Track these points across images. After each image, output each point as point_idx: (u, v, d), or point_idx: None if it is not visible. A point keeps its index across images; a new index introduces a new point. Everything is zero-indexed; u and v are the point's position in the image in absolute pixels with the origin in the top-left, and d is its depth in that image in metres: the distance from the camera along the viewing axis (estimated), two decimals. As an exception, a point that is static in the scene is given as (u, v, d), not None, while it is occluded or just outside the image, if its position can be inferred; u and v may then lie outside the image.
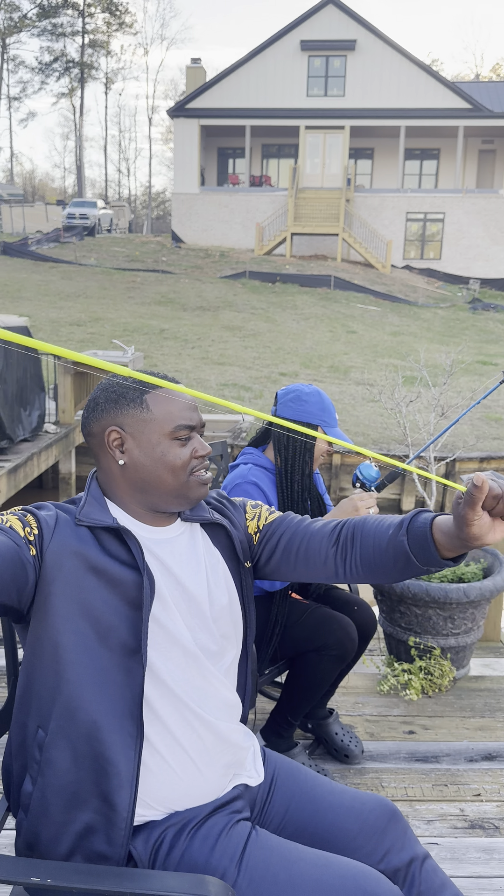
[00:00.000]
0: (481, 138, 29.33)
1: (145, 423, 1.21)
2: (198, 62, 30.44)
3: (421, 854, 1.33)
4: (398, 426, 10.06)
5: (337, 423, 2.26)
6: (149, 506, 1.25)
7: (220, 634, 1.31)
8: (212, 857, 1.19)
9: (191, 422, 1.23)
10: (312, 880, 1.16)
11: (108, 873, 1.05)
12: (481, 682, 2.98)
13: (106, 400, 1.23)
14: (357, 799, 1.35)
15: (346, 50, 27.06)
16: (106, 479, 1.25)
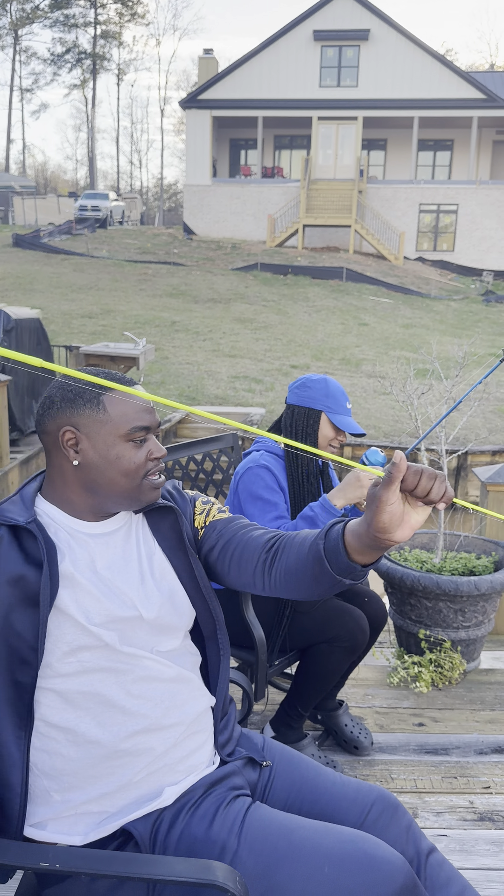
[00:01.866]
0: (496, 129, 29.05)
1: (101, 423, 1.21)
2: (210, 53, 30.32)
3: (426, 848, 1.31)
4: (410, 419, 10.02)
5: (347, 411, 2.24)
6: (96, 507, 1.24)
7: (157, 626, 1.27)
8: (211, 831, 1.19)
9: (146, 423, 1.23)
10: (312, 845, 1.17)
11: (116, 858, 1.05)
12: (492, 675, 2.98)
13: (62, 399, 1.21)
14: (360, 791, 1.34)
15: (359, 40, 26.85)
16: (56, 478, 1.24)
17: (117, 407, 1.22)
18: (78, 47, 49.60)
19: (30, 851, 1.05)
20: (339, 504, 2.07)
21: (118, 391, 1.22)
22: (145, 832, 1.19)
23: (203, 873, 1.03)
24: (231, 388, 11.34)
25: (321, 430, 2.23)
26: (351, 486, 2.05)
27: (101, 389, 1.23)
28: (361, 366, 13.29)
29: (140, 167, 68.81)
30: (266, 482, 2.19)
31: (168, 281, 20.70)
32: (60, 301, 17.11)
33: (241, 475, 2.23)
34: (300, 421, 2.23)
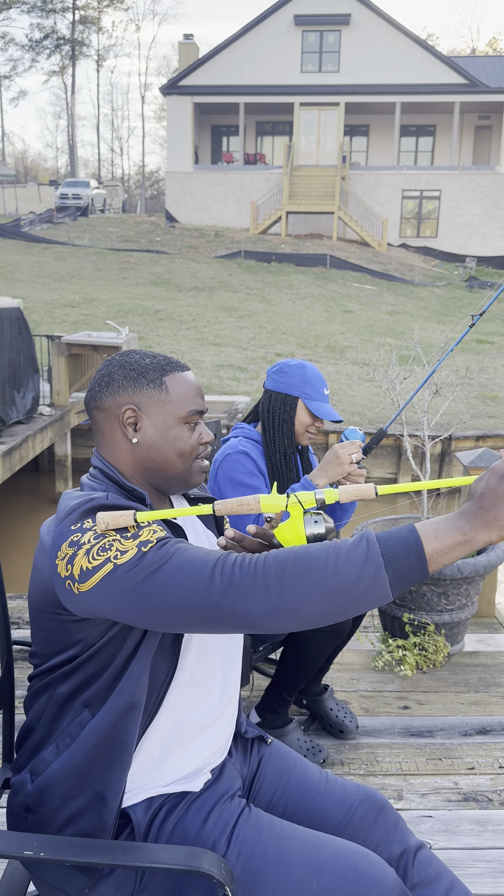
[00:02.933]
0: (477, 114, 29.03)
1: (163, 404, 1.23)
2: (190, 38, 30.03)
3: (413, 846, 1.31)
4: (393, 404, 10.05)
5: (325, 398, 2.24)
6: (154, 485, 1.27)
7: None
8: (203, 830, 1.19)
9: (201, 407, 1.27)
10: (303, 857, 1.16)
11: (102, 847, 1.05)
12: (475, 657, 3.00)
13: (124, 377, 1.23)
14: (346, 790, 1.35)
15: (340, 24, 26.69)
16: (111, 455, 1.25)
17: (178, 389, 1.24)
18: (56, 33, 48.94)
19: (13, 840, 1.05)
20: (321, 483, 2.06)
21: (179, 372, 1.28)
22: (143, 820, 1.19)
23: (189, 861, 1.03)
24: (216, 376, 11.31)
25: (298, 417, 2.22)
26: (331, 465, 2.05)
27: (164, 368, 1.26)
28: (346, 353, 13.29)
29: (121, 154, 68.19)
30: (246, 467, 2.19)
31: (151, 269, 20.58)
32: (42, 290, 16.97)
33: (219, 462, 2.23)
34: (277, 407, 2.23)
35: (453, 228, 27.73)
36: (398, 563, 0.96)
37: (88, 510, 1.12)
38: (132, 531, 1.08)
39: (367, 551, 0.97)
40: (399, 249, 26.90)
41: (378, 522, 3.19)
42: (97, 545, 1.06)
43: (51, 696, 1.19)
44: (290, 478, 2.26)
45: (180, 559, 1.05)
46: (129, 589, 1.04)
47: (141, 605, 1.04)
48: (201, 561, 1.04)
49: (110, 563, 1.05)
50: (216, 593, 1.01)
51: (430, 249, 27.31)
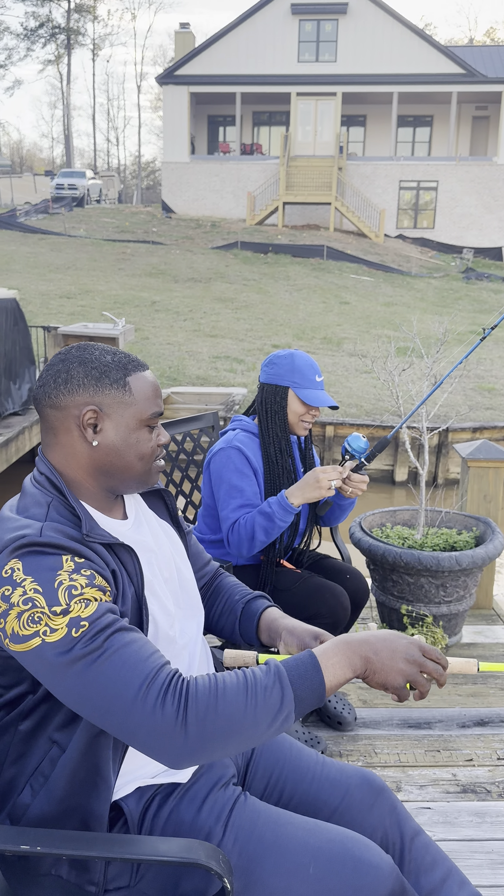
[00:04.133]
0: (475, 104, 28.90)
1: (126, 406, 1.18)
2: (186, 27, 29.82)
3: (410, 831, 1.30)
4: (391, 396, 10.04)
5: (317, 385, 2.23)
6: (108, 488, 1.21)
7: (191, 604, 1.34)
8: (198, 817, 1.18)
9: (161, 408, 1.23)
10: (300, 842, 1.16)
11: (98, 839, 1.05)
12: (473, 649, 3.00)
13: (85, 375, 1.17)
14: (343, 773, 1.34)
15: (337, 13, 26.51)
16: (63, 458, 1.18)
17: (141, 390, 1.19)
18: (51, 21, 48.54)
19: (11, 834, 1.04)
20: (296, 503, 2.07)
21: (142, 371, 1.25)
22: (136, 811, 1.18)
23: (186, 853, 1.02)
24: (212, 368, 11.28)
25: (290, 407, 2.22)
26: (309, 487, 2.05)
27: (126, 368, 1.21)
28: (343, 344, 13.27)
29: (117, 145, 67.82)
30: (236, 464, 2.18)
31: (147, 260, 20.49)
32: (38, 281, 16.89)
33: (213, 454, 2.23)
34: (269, 399, 2.23)
35: (451, 219, 27.65)
36: (304, 704, 1.06)
37: (17, 549, 1.05)
38: (63, 606, 1.01)
39: (283, 698, 1.04)
40: (396, 240, 26.82)
41: (377, 514, 3.18)
42: (27, 613, 1.01)
43: (14, 735, 1.15)
44: (286, 470, 2.25)
45: (109, 663, 1.01)
46: (55, 673, 1.01)
47: (63, 692, 1.02)
48: (129, 673, 1.00)
49: (39, 637, 1.01)
50: (135, 720, 0.99)
51: (428, 240, 27.24)
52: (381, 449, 2.23)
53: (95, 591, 1.05)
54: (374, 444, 2.21)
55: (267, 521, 2.08)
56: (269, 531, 2.09)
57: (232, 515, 2.15)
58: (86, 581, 1.05)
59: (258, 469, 2.23)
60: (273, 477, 2.23)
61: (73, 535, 1.10)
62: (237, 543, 2.13)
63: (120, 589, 1.13)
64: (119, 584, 1.13)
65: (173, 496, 1.40)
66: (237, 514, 2.14)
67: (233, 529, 2.13)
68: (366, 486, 2.17)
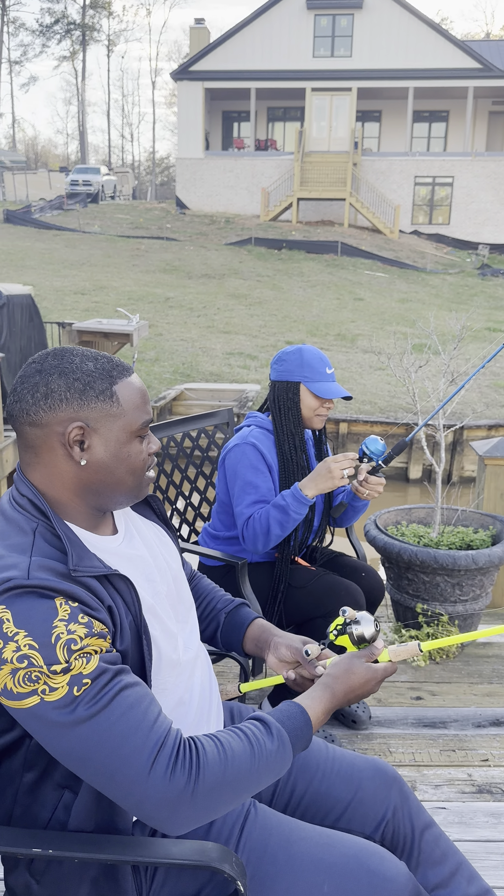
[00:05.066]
0: (491, 99, 28.65)
1: (114, 418, 1.07)
2: (201, 23, 29.76)
3: (422, 823, 1.29)
4: (407, 393, 9.98)
5: (328, 377, 2.20)
6: (96, 506, 1.12)
7: (186, 606, 1.28)
8: (208, 835, 1.16)
9: (150, 415, 1.14)
10: (313, 860, 1.13)
11: (110, 842, 1.03)
12: (489, 648, 2.97)
13: (67, 388, 1.05)
14: (354, 766, 1.32)
15: (353, 8, 26.35)
16: (46, 479, 1.08)
17: (129, 399, 1.09)
18: (67, 17, 48.64)
19: (22, 837, 1.03)
20: (310, 494, 2.06)
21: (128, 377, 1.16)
22: (147, 831, 1.16)
23: (199, 856, 1.01)
24: (226, 364, 11.27)
25: (303, 402, 2.20)
26: (322, 478, 2.04)
27: (111, 376, 1.10)
28: (357, 341, 13.21)
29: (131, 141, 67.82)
30: (250, 460, 2.17)
31: (161, 256, 20.50)
32: (52, 277, 16.94)
33: (228, 450, 2.22)
34: (281, 396, 2.21)
35: (466, 215, 27.45)
36: (297, 753, 1.11)
37: (3, 593, 0.95)
38: (63, 664, 0.93)
39: (284, 761, 1.07)
40: (411, 236, 26.67)
41: (392, 512, 3.16)
42: (23, 671, 0.92)
43: (18, 787, 1.08)
44: (300, 466, 2.24)
45: (115, 727, 0.94)
46: (54, 733, 0.94)
47: (63, 753, 0.96)
48: (137, 740, 0.94)
49: (37, 696, 0.93)
50: (142, 790, 0.94)
51: (443, 236, 27.06)
52: (398, 452, 2.20)
53: (96, 641, 0.97)
54: (392, 447, 2.19)
55: (282, 514, 2.06)
56: (284, 524, 2.07)
57: (246, 511, 2.13)
58: (85, 631, 0.96)
59: (273, 465, 2.22)
60: (288, 473, 2.22)
61: (63, 572, 1.00)
62: (252, 538, 2.12)
63: (118, 625, 1.05)
64: (116, 620, 1.05)
65: (158, 500, 1.32)
66: (252, 510, 2.13)
67: (248, 525, 2.12)
68: (382, 488, 2.15)
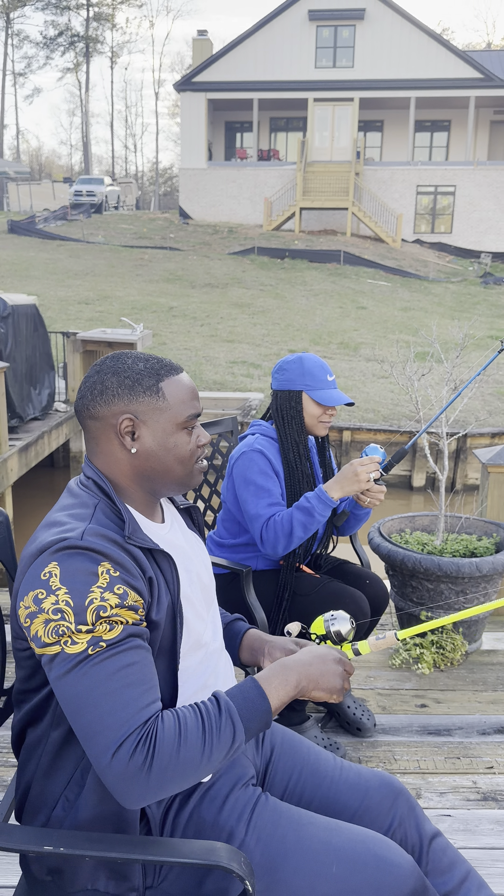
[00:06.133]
0: (493, 109, 28.77)
1: (160, 411, 1.20)
2: (204, 34, 29.97)
3: (429, 833, 1.31)
4: (410, 401, 10.00)
5: (329, 384, 2.23)
6: (151, 492, 1.24)
7: (215, 608, 1.37)
8: (220, 817, 1.19)
9: (198, 410, 1.25)
10: (322, 842, 1.17)
11: (120, 841, 1.05)
12: (493, 655, 2.98)
13: (119, 385, 1.19)
14: (361, 776, 1.34)
15: (354, 19, 26.53)
16: (107, 465, 1.22)
17: (175, 394, 1.21)
18: (70, 30, 49.04)
19: (34, 835, 1.05)
20: (336, 496, 2.07)
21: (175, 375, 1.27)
22: (158, 812, 1.19)
23: (207, 855, 1.02)
24: (229, 373, 11.30)
25: (306, 410, 2.23)
26: (348, 480, 2.06)
27: (158, 374, 1.23)
28: (360, 349, 13.24)
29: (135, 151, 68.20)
30: (260, 467, 2.19)
31: (164, 266, 20.59)
32: (57, 287, 17.02)
33: (235, 459, 2.23)
34: (284, 405, 2.24)
35: (468, 224, 27.53)
36: (252, 732, 1.11)
37: (57, 551, 1.07)
38: (88, 625, 1.04)
39: (234, 735, 1.07)
40: (413, 245, 26.75)
41: (395, 520, 3.17)
42: (54, 623, 1.04)
43: (46, 744, 1.16)
44: (305, 474, 2.25)
45: (106, 690, 1.02)
46: (60, 680, 1.04)
47: (62, 700, 1.05)
48: (117, 715, 1.01)
49: (59, 646, 1.04)
50: (104, 762, 1.01)
51: (445, 245, 27.14)
52: (398, 459, 2.22)
53: (126, 613, 1.07)
54: (392, 455, 2.21)
55: (306, 517, 2.08)
56: (307, 526, 2.09)
57: (264, 512, 2.14)
58: (117, 601, 1.06)
59: (279, 472, 2.24)
60: (293, 482, 2.24)
61: (115, 539, 1.11)
62: (272, 540, 2.12)
63: (155, 596, 1.14)
64: (154, 592, 1.14)
65: (200, 512, 1.43)
66: (271, 511, 2.14)
67: (267, 526, 2.12)
68: (383, 496, 2.17)
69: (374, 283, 20.21)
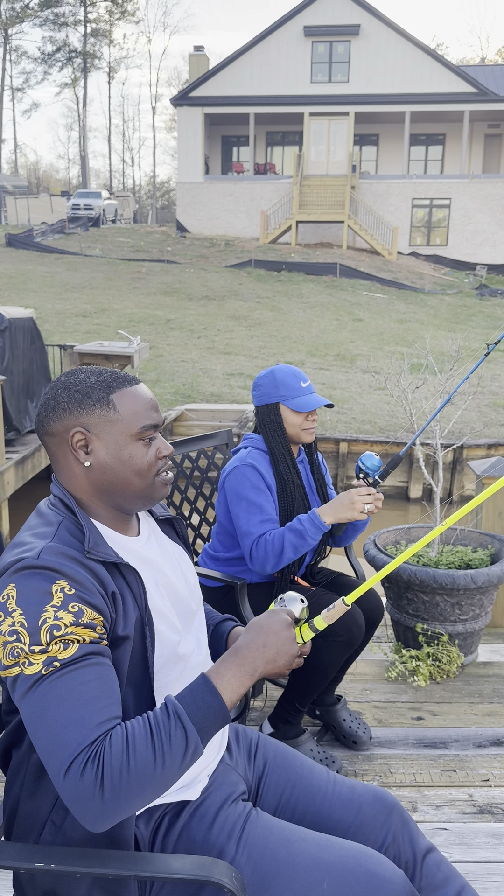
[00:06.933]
0: (487, 122, 29.02)
1: (112, 423, 1.18)
2: (200, 50, 30.22)
3: (423, 848, 1.30)
4: (405, 413, 10.02)
5: (305, 391, 2.24)
6: (115, 506, 1.22)
7: (199, 621, 1.34)
8: (210, 834, 1.18)
9: (155, 421, 1.22)
10: (313, 858, 1.16)
11: (113, 857, 1.05)
12: (489, 668, 2.98)
13: (69, 399, 1.18)
14: (354, 791, 1.33)
15: (349, 35, 26.79)
16: (67, 481, 1.21)
17: (127, 406, 1.19)
18: (68, 46, 49.42)
19: (25, 852, 1.04)
20: (328, 521, 2.08)
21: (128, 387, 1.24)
22: (146, 831, 1.18)
23: (200, 870, 1.02)
24: (226, 385, 11.32)
25: (286, 420, 2.25)
26: (343, 507, 2.07)
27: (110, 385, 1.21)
28: (356, 361, 13.28)
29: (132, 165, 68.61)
30: (252, 481, 2.19)
31: (162, 279, 20.66)
32: (54, 300, 17.07)
33: (227, 473, 2.24)
34: (265, 419, 2.26)
35: (463, 236, 27.69)
36: (208, 731, 1.06)
37: (14, 572, 1.06)
38: (42, 645, 1.02)
39: (186, 737, 1.03)
40: (409, 258, 26.88)
41: (391, 531, 3.18)
42: (10, 645, 1.03)
43: (28, 767, 1.15)
44: (296, 485, 2.26)
45: (58, 713, 1.00)
46: (20, 698, 1.03)
47: (23, 717, 1.03)
48: (68, 735, 0.99)
49: (18, 668, 1.04)
50: (59, 783, 0.98)
51: (441, 257, 27.28)
52: (393, 466, 2.23)
53: (81, 631, 1.05)
54: (387, 462, 2.22)
55: (297, 539, 2.08)
56: (298, 548, 2.09)
57: (255, 530, 2.14)
58: (71, 619, 1.04)
59: (272, 486, 2.24)
60: (285, 494, 2.24)
61: (75, 556, 1.10)
62: (262, 559, 2.12)
63: (120, 611, 1.12)
64: (119, 607, 1.12)
65: (184, 523, 1.42)
66: (262, 529, 2.14)
67: (257, 544, 2.13)
68: (380, 503, 2.18)
69: (371, 296, 20.30)
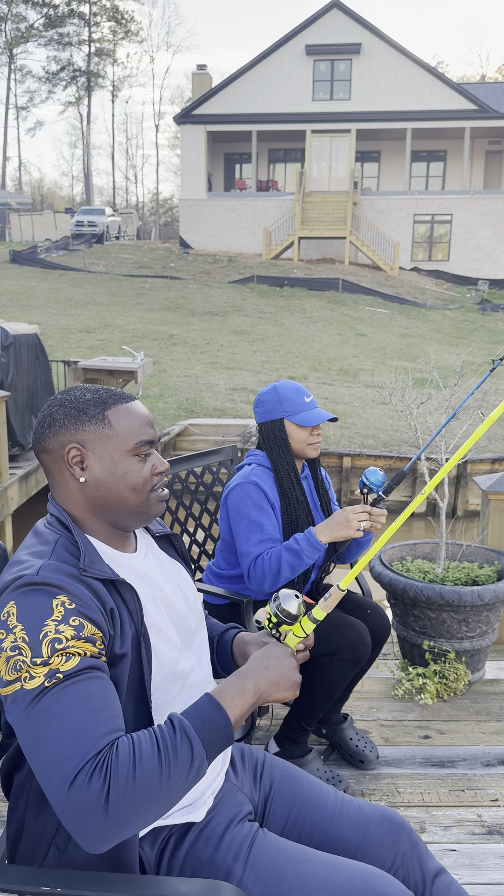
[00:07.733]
0: (488, 139, 29.24)
1: (107, 439, 1.19)
2: (203, 68, 30.53)
3: (432, 870, 1.28)
4: (409, 428, 10.01)
5: (308, 406, 2.24)
6: (110, 522, 1.22)
7: (200, 638, 1.33)
8: (216, 856, 1.17)
9: (150, 437, 1.23)
10: (321, 879, 1.14)
11: (119, 880, 1.03)
12: (497, 685, 2.95)
13: (65, 415, 1.20)
14: (363, 812, 1.31)
15: (351, 53, 27.06)
16: (63, 498, 1.22)
17: (122, 422, 1.20)
18: (72, 65, 49.98)
19: (31, 875, 1.03)
20: (325, 540, 2.07)
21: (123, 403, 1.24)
22: (152, 853, 1.17)
23: (208, 893, 1.01)
24: (229, 400, 11.34)
25: (291, 436, 2.24)
26: (339, 525, 2.05)
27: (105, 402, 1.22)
28: (359, 376, 13.30)
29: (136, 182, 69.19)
30: (254, 499, 2.18)
31: (165, 295, 20.75)
32: (58, 316, 17.14)
33: (230, 490, 2.23)
34: (270, 436, 2.26)
35: (465, 252, 27.81)
36: (213, 749, 1.06)
37: (15, 589, 1.07)
38: (44, 657, 1.02)
39: (192, 752, 1.02)
40: (411, 273, 26.99)
41: (396, 547, 3.16)
42: (13, 659, 1.03)
43: (30, 791, 1.14)
44: (299, 501, 2.25)
45: (62, 725, 0.99)
46: (19, 717, 1.02)
47: (20, 735, 1.02)
48: (74, 746, 0.98)
49: (20, 683, 1.03)
50: (62, 796, 0.97)
51: (443, 273, 27.38)
52: (398, 482, 2.22)
53: (82, 644, 1.05)
54: (392, 477, 2.21)
55: (294, 558, 2.07)
56: (295, 567, 2.08)
57: (254, 550, 2.14)
58: (72, 633, 1.04)
59: (275, 503, 2.23)
60: (289, 510, 2.23)
61: (73, 573, 1.10)
62: (259, 578, 2.11)
63: (118, 628, 1.12)
64: (117, 624, 1.12)
65: (182, 540, 1.41)
66: (260, 549, 2.13)
67: (255, 564, 2.12)
68: (384, 519, 2.17)
69: (373, 311, 20.36)
